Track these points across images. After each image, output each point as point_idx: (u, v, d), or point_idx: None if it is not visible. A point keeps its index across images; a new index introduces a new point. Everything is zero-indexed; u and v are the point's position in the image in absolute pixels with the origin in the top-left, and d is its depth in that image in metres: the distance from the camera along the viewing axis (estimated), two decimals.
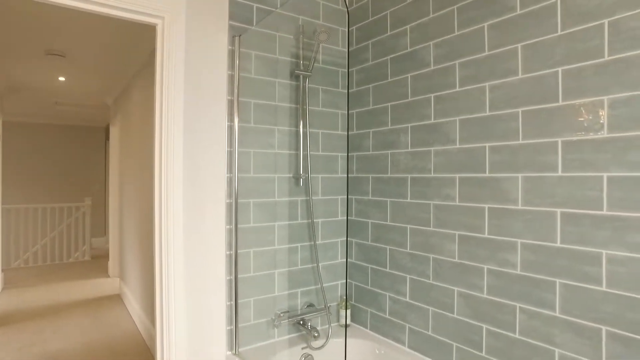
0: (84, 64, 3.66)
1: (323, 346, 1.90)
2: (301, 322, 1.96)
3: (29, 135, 6.44)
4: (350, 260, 2.16)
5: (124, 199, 4.25)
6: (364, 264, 2.07)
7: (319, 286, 2.09)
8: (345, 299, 2.11)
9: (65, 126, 6.77)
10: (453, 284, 1.63)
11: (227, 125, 1.82)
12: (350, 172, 2.17)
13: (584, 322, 1.23)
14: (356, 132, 2.13)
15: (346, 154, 2.20)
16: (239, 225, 1.83)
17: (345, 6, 2.19)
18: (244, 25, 1.86)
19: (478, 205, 1.54)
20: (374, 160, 2.01)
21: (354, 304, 2.14)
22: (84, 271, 5.28)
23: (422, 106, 1.76)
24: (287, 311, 1.98)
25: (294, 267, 2.00)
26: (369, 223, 2.04)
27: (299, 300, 2.02)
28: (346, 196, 2.19)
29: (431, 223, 1.72)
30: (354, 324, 2.12)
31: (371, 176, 2.03)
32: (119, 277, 4.59)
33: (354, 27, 2.15)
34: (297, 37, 2.01)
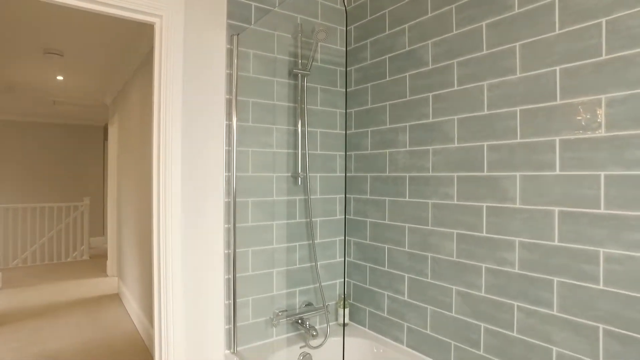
0: (82, 63, 3.65)
1: (321, 345, 1.90)
2: (299, 321, 1.96)
3: (27, 134, 6.43)
4: (348, 259, 2.16)
5: (123, 199, 4.24)
6: (362, 262, 2.08)
7: (318, 285, 2.09)
8: (343, 298, 2.11)
9: (63, 125, 6.76)
10: (451, 282, 1.63)
11: (226, 124, 1.82)
12: (349, 171, 2.17)
13: (581, 320, 1.24)
14: (354, 131, 2.13)
15: (344, 153, 2.20)
16: (237, 224, 1.83)
17: (343, 5, 2.19)
18: (242, 24, 1.86)
19: (476, 204, 1.54)
20: (373, 159, 2.01)
21: (352, 302, 2.14)
22: (82, 271, 5.28)
23: (421, 105, 1.76)
24: (286, 310, 1.98)
25: (292, 266, 2.00)
26: (367, 222, 2.04)
27: (297, 299, 2.03)
28: (344, 195, 2.19)
29: (429, 222, 1.72)
30: (352, 323, 2.12)
31: (369, 175, 2.03)
32: (117, 276, 4.59)
33: (352, 26, 2.15)
34: (296, 36, 2.01)
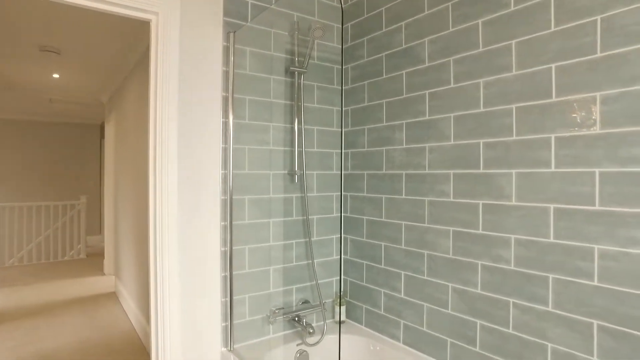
0: (79, 61, 3.63)
1: (318, 342, 1.90)
2: (296, 319, 1.96)
3: (23, 132, 6.40)
4: (345, 256, 2.17)
5: (120, 197, 4.23)
6: (358, 260, 2.08)
7: (314, 283, 2.09)
8: (339, 295, 2.11)
9: (60, 124, 6.73)
10: (447, 279, 1.63)
11: (222, 121, 1.82)
12: (345, 168, 2.17)
13: (576, 317, 1.24)
14: (351, 128, 2.13)
15: (341, 150, 2.20)
16: (234, 222, 1.83)
17: (339, 3, 2.18)
18: (238, 21, 1.86)
19: (472, 201, 1.54)
20: (369, 156, 2.01)
21: (349, 300, 2.14)
22: (79, 269, 5.26)
23: (417, 103, 1.76)
24: (282, 308, 1.98)
25: (289, 264, 2.00)
26: (364, 219, 2.05)
27: (294, 297, 2.03)
28: (340, 193, 2.19)
29: (426, 219, 1.72)
30: (349, 321, 2.13)
31: (366, 173, 2.03)
32: (114, 275, 4.58)
33: (349, 23, 2.15)
34: (292, 34, 2.01)
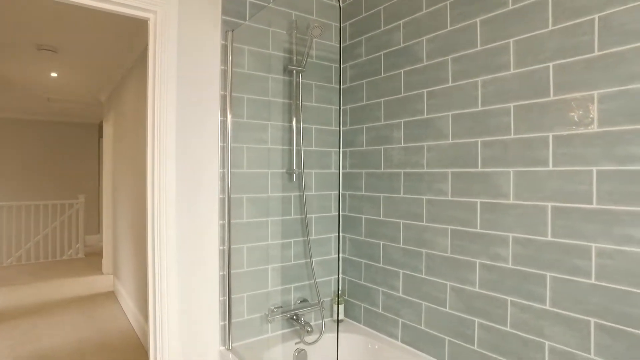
0: (77, 60, 3.63)
1: (316, 341, 1.90)
2: (294, 318, 1.96)
3: (21, 131, 6.38)
4: (343, 255, 2.17)
5: (118, 196, 4.23)
6: (357, 259, 2.08)
7: (313, 281, 2.09)
8: (337, 294, 2.11)
9: (58, 123, 6.71)
10: (445, 278, 1.64)
11: (220, 120, 1.82)
12: (344, 167, 2.17)
13: (573, 315, 1.25)
14: (349, 127, 2.13)
15: (339, 149, 2.20)
16: (232, 221, 1.83)
17: (337, 1, 2.18)
18: (237, 20, 1.85)
19: (470, 200, 1.54)
20: (368, 155, 2.01)
21: (347, 299, 2.14)
22: (77, 268, 5.26)
23: (415, 101, 1.76)
24: (281, 306, 1.98)
25: (287, 263, 2.00)
26: (362, 218, 2.05)
27: (292, 296, 2.03)
28: (338, 191, 2.19)
29: (424, 218, 1.73)
30: (347, 319, 2.13)
31: (364, 171, 2.03)
32: (112, 274, 4.58)
33: (347, 22, 2.15)
34: (290, 32, 2.01)
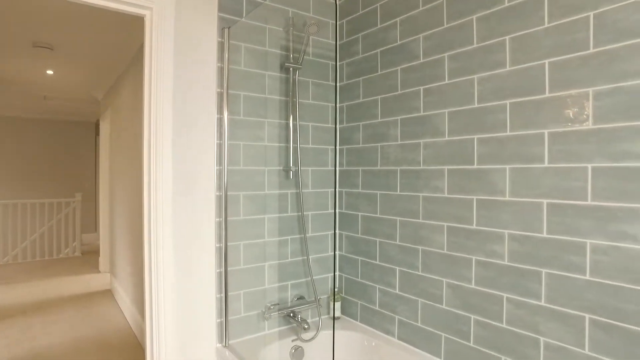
0: (73, 57, 3.61)
1: (313, 338, 1.91)
2: (291, 315, 1.96)
3: (17, 129, 6.35)
4: (340, 252, 2.17)
5: (115, 195, 4.21)
6: (354, 256, 2.08)
7: (310, 279, 2.09)
8: (333, 291, 2.12)
9: (54, 121, 6.69)
10: (442, 275, 1.64)
11: (217, 117, 1.81)
12: (341, 165, 2.17)
13: (568, 311, 1.25)
14: (346, 125, 2.13)
15: (335, 146, 2.20)
16: (229, 218, 1.83)
17: None
18: (233, 17, 1.85)
19: (466, 197, 1.55)
20: (364, 153, 2.02)
21: (344, 296, 2.15)
22: (74, 267, 5.24)
23: (412, 99, 1.76)
24: (278, 304, 1.98)
25: (284, 260, 2.00)
26: (358, 216, 2.05)
27: (289, 293, 2.03)
28: (334, 189, 2.19)
29: (420, 215, 1.73)
30: (344, 317, 2.13)
31: (361, 169, 2.03)
32: (109, 272, 4.57)
33: (344, 20, 2.15)
34: (287, 30, 2.00)
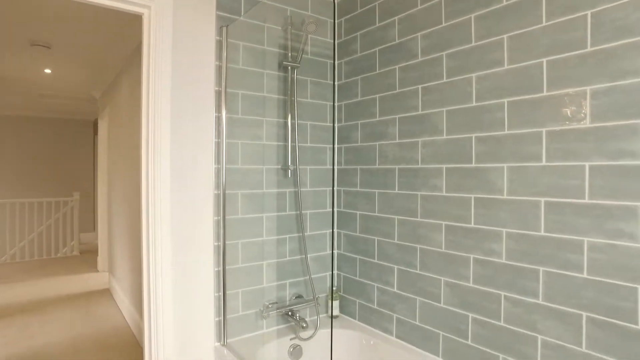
0: (71, 56, 3.60)
1: (311, 337, 1.91)
2: (290, 313, 1.96)
3: (14, 128, 6.33)
4: (338, 251, 2.17)
5: (113, 194, 4.21)
6: (352, 255, 2.08)
7: (308, 277, 2.09)
8: (331, 290, 2.12)
9: (52, 119, 6.67)
10: (440, 273, 1.64)
11: (215, 116, 1.81)
12: (339, 163, 2.17)
13: (565, 309, 1.26)
14: (344, 123, 2.13)
15: (333, 145, 2.20)
16: (227, 217, 1.83)
17: None
18: (231, 15, 1.85)
19: (464, 196, 1.55)
20: (363, 151, 2.02)
21: (342, 295, 2.15)
22: (72, 266, 5.23)
23: (410, 97, 1.76)
24: (276, 302, 1.98)
25: (282, 259, 2.00)
26: (357, 214, 2.05)
27: (287, 292, 2.03)
28: (332, 188, 2.19)
29: (418, 214, 1.73)
30: (342, 315, 2.13)
31: (359, 167, 2.03)
32: (108, 271, 4.56)
33: (342, 18, 2.15)
34: (285, 28, 2.00)
